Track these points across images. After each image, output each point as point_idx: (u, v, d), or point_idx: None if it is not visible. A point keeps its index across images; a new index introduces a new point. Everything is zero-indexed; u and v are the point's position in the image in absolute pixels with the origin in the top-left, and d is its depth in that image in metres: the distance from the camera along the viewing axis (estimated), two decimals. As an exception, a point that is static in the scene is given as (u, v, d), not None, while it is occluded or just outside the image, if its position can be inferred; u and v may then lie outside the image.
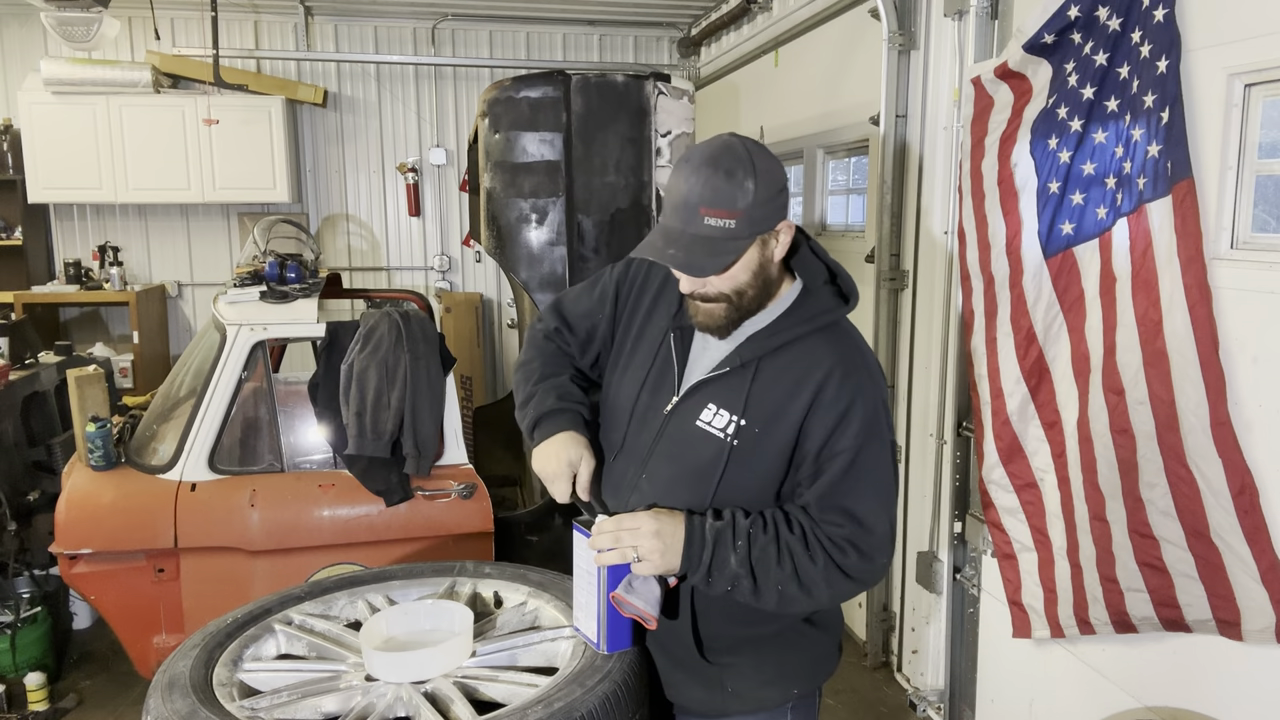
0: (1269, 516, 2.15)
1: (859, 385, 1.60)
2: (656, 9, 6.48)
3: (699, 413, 1.67)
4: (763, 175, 1.54)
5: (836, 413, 1.59)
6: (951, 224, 3.42)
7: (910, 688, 3.93)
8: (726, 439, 1.64)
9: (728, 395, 1.65)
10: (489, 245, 3.62)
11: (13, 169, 6.04)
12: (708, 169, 1.53)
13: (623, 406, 1.79)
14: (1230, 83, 2.22)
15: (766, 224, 1.57)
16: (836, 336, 1.66)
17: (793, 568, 1.58)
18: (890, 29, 3.74)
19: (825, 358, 1.62)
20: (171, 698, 1.71)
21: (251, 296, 3.50)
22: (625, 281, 1.86)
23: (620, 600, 1.62)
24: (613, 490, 1.79)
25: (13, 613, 3.86)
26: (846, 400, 1.59)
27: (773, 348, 1.64)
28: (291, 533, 3.31)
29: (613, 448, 1.81)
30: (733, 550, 1.58)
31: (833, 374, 1.60)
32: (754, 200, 1.52)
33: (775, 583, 1.59)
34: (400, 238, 6.99)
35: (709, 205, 1.52)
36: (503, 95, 3.48)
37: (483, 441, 5.39)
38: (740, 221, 1.53)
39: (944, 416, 3.57)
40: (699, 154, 1.56)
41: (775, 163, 1.59)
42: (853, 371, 1.61)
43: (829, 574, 1.59)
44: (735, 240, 1.54)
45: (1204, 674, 2.41)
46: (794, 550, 1.58)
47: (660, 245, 1.57)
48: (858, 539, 1.59)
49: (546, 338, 1.94)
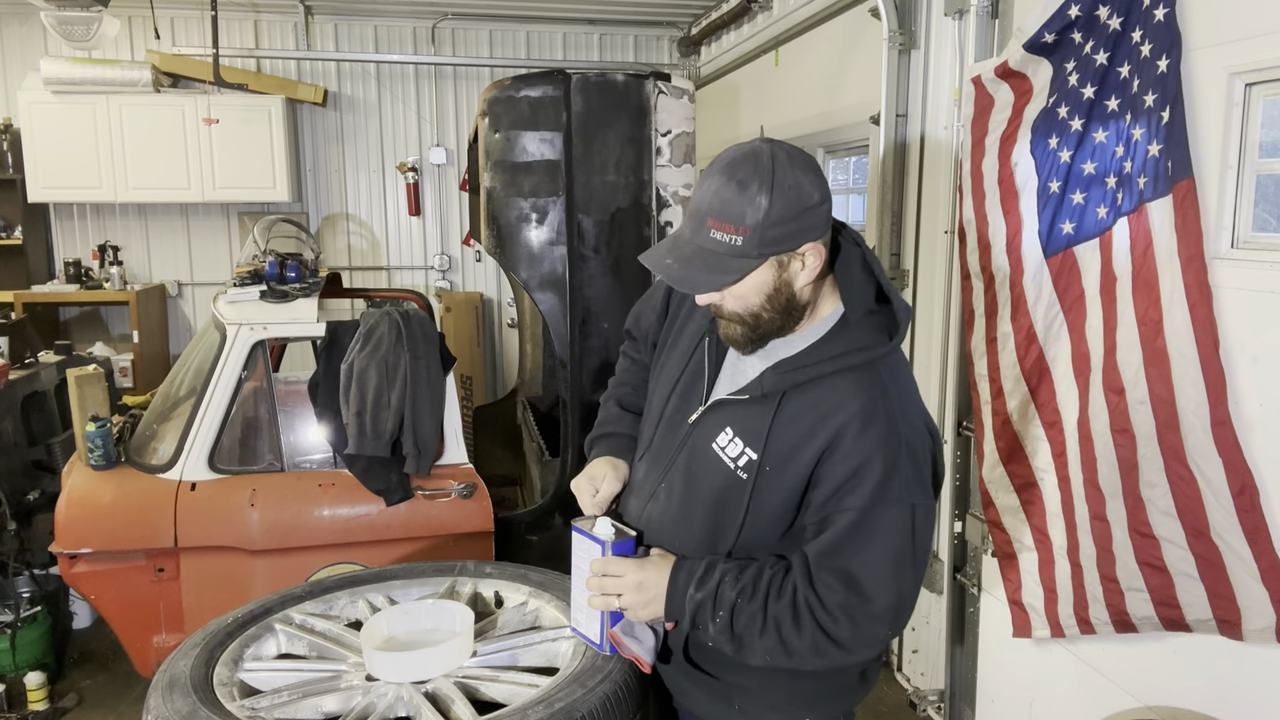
0: (1269, 516, 2.15)
1: (880, 439, 1.44)
2: (656, 8, 6.48)
3: (716, 435, 1.58)
4: (783, 190, 1.39)
5: (850, 467, 1.45)
6: (952, 223, 3.42)
7: (910, 687, 3.93)
8: (736, 472, 1.54)
9: (747, 424, 1.54)
10: (489, 244, 3.62)
11: (12, 168, 6.04)
12: (722, 177, 1.42)
13: (655, 406, 1.75)
14: (1231, 82, 2.22)
15: (784, 245, 1.43)
16: (869, 378, 1.49)
17: (777, 639, 1.49)
18: (890, 28, 3.74)
19: (850, 401, 1.46)
20: (172, 697, 1.71)
21: (251, 296, 3.50)
22: None
23: (618, 640, 1.64)
24: (635, 489, 1.76)
25: (13, 612, 3.85)
26: (863, 455, 1.44)
27: (798, 383, 1.50)
28: (292, 532, 3.31)
29: (643, 445, 1.77)
30: (712, 622, 1.53)
31: (852, 422, 1.45)
32: (766, 218, 1.39)
33: (761, 651, 1.52)
34: (400, 237, 6.99)
35: (716, 217, 1.41)
36: (503, 94, 3.48)
37: (483, 441, 5.39)
38: (749, 240, 1.40)
39: (944, 416, 3.57)
40: (723, 158, 1.44)
41: (809, 177, 1.42)
42: (875, 422, 1.45)
43: (818, 645, 1.48)
44: (741, 259, 1.42)
45: (1204, 674, 2.41)
46: (780, 622, 1.48)
47: (662, 253, 1.49)
48: (853, 608, 1.45)
49: (622, 351, 1.97)
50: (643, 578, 1.58)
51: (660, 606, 1.57)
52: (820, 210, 1.45)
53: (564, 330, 3.59)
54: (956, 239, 3.15)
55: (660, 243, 1.53)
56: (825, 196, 1.45)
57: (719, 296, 1.50)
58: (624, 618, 1.63)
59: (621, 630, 1.63)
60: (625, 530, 1.67)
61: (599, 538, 1.63)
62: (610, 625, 1.65)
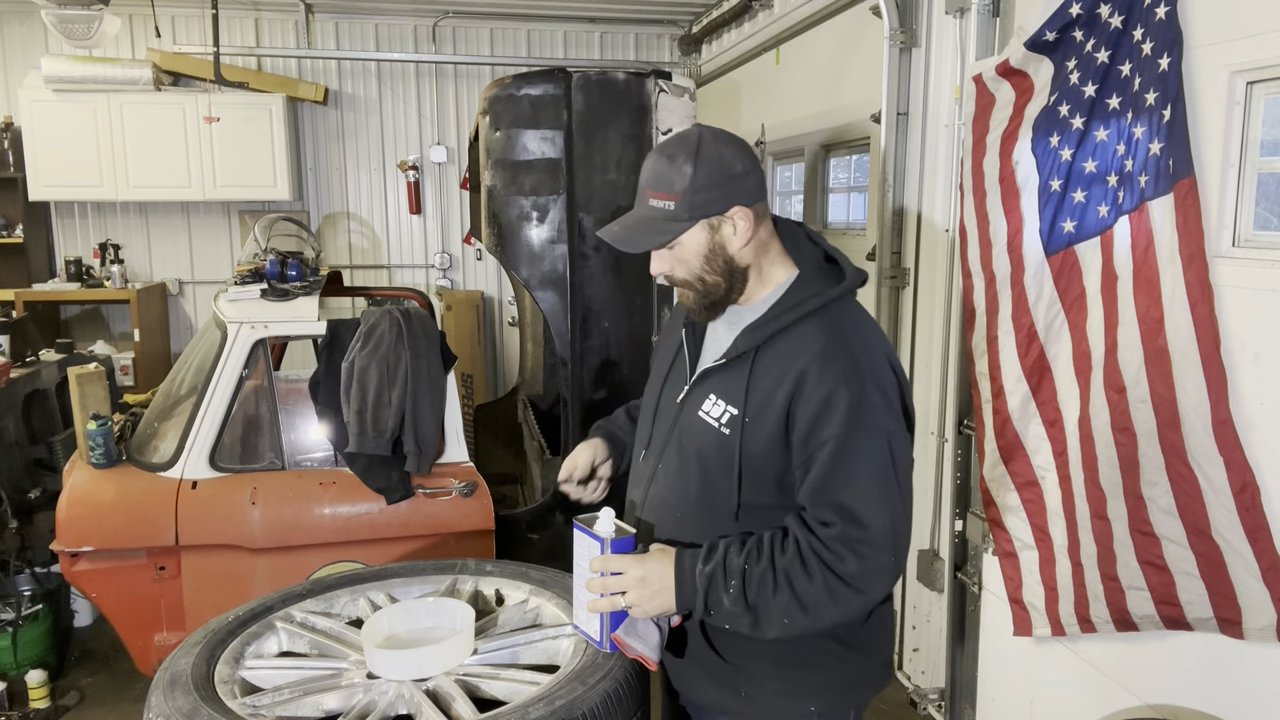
0: (1270, 515, 2.15)
1: (842, 372, 1.55)
2: (657, 7, 6.47)
3: (702, 403, 1.68)
4: (706, 160, 1.57)
5: (818, 400, 1.54)
6: (953, 222, 3.41)
7: (911, 686, 3.93)
8: (721, 429, 1.64)
9: (727, 386, 1.65)
10: (490, 243, 3.62)
11: (13, 167, 6.04)
12: (656, 154, 1.63)
13: (648, 404, 1.87)
14: (1232, 80, 2.22)
15: (712, 209, 1.60)
16: (827, 322, 1.61)
17: (791, 593, 1.52)
18: (891, 26, 3.74)
19: (812, 343, 1.59)
20: (173, 695, 1.71)
21: (252, 294, 3.50)
22: (672, 312, 2.02)
23: (621, 642, 1.64)
24: (636, 482, 1.83)
25: (14, 610, 3.86)
26: (828, 388, 1.54)
27: (765, 337, 1.63)
28: (293, 530, 3.32)
29: (642, 443, 1.86)
30: (725, 593, 1.55)
31: (814, 361, 1.56)
32: (693, 184, 1.57)
33: (778, 614, 1.54)
34: (401, 235, 6.99)
35: (652, 187, 1.61)
36: (504, 93, 3.48)
37: (483, 439, 5.40)
38: (679, 204, 1.58)
39: (945, 414, 3.57)
40: (660, 143, 1.64)
41: (733, 150, 1.61)
42: (836, 358, 1.56)
43: (830, 588, 1.52)
44: (674, 222, 1.60)
45: (1205, 672, 2.41)
46: (790, 574, 1.53)
47: (613, 225, 1.67)
48: (853, 538, 1.51)
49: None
50: (645, 572, 1.58)
51: (668, 597, 1.58)
52: (746, 180, 1.62)
53: (565, 328, 3.59)
54: (957, 237, 3.15)
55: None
56: (750, 169, 1.63)
57: (668, 266, 1.67)
58: (627, 618, 1.63)
59: (624, 631, 1.63)
60: (625, 528, 1.67)
61: (599, 535, 1.63)
62: (612, 628, 1.64)
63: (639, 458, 1.85)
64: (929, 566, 3.73)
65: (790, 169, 5.42)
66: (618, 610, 1.62)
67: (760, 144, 5.48)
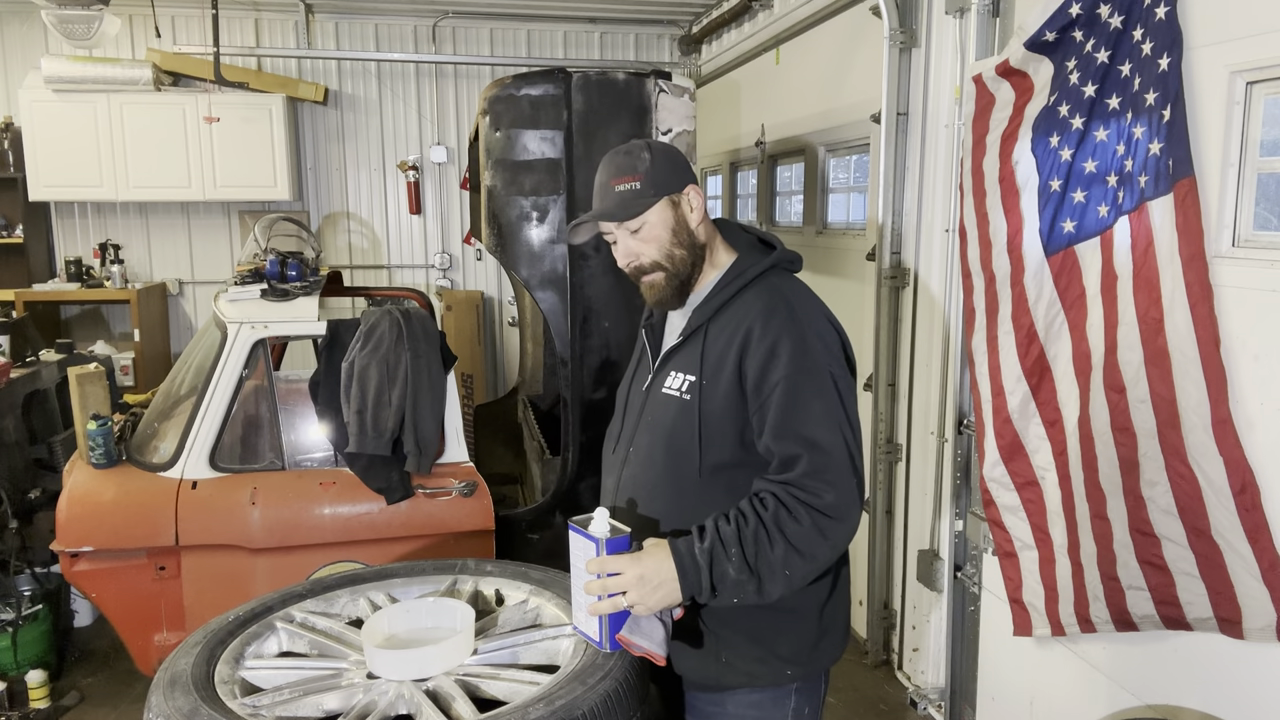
0: (1270, 515, 2.15)
1: (783, 323, 1.70)
2: (657, 7, 6.48)
3: (665, 382, 1.83)
4: (657, 152, 1.79)
5: (764, 349, 1.68)
6: (953, 222, 3.41)
7: (911, 686, 3.93)
8: (682, 397, 1.77)
9: (685, 360, 1.80)
10: (490, 243, 3.62)
11: (14, 167, 6.04)
12: (612, 155, 1.82)
13: (618, 403, 2.00)
14: (1232, 80, 2.22)
15: (671, 186, 1.78)
16: (768, 287, 1.78)
17: (785, 542, 1.61)
18: (891, 26, 3.74)
19: (754, 305, 1.75)
20: (173, 695, 1.71)
21: (252, 294, 3.50)
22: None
23: (626, 641, 1.64)
24: (611, 469, 1.94)
25: (14, 610, 3.86)
26: (772, 337, 1.69)
27: (714, 310, 1.79)
28: (293, 530, 3.32)
29: (613, 438, 1.97)
30: (729, 560, 1.61)
31: (757, 318, 1.72)
32: (653, 166, 1.77)
33: (779, 567, 1.61)
34: (401, 236, 6.99)
35: (615, 176, 1.78)
36: (504, 93, 3.48)
37: (484, 439, 5.40)
38: (644, 183, 1.76)
39: (945, 414, 3.57)
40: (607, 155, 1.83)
41: (674, 149, 1.86)
42: (776, 314, 1.72)
43: (818, 524, 1.62)
44: (642, 198, 1.76)
45: (1205, 672, 2.41)
46: (780, 522, 1.61)
47: (586, 212, 1.84)
48: (820, 467, 1.63)
49: None
50: (642, 569, 1.60)
51: (670, 589, 1.60)
52: (689, 170, 1.87)
53: (565, 328, 3.59)
54: (957, 238, 3.14)
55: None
56: (689, 163, 1.88)
57: (635, 251, 1.79)
58: (629, 617, 1.63)
59: (628, 630, 1.63)
60: (620, 527, 1.67)
61: (593, 536, 1.63)
62: (614, 627, 1.64)
63: (611, 450, 1.97)
64: (929, 566, 3.73)
65: (790, 169, 5.41)
66: (622, 610, 1.61)
67: (760, 144, 5.48)
